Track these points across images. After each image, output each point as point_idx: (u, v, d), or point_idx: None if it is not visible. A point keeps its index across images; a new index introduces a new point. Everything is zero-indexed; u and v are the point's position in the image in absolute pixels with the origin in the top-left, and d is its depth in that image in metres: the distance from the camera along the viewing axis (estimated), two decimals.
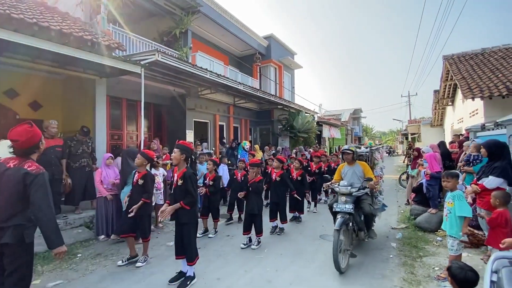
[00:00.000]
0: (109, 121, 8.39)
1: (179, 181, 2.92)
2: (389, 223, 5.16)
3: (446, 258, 3.38)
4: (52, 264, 3.42)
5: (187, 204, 2.87)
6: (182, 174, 2.92)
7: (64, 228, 4.47)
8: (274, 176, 4.77)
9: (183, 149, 3.02)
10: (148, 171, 3.61)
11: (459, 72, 9.36)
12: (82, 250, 3.88)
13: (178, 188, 2.94)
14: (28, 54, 4.76)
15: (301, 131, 12.81)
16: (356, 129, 33.63)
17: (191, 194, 2.88)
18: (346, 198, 3.50)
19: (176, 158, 2.98)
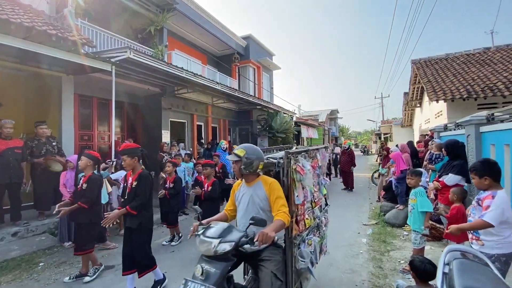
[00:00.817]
0: (78, 121, 7.96)
1: (134, 183, 2.69)
2: (361, 220, 5.38)
3: (411, 252, 3.57)
4: (11, 275, 3.18)
5: (133, 208, 2.61)
6: (138, 175, 2.71)
7: (25, 235, 4.18)
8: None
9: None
10: (94, 174, 3.23)
11: (426, 75, 9.97)
12: (45, 259, 3.65)
13: (134, 191, 2.71)
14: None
15: (280, 131, 12.98)
16: (333, 129, 34.69)
17: (139, 196, 2.65)
18: (205, 268, 1.68)
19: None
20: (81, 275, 3.16)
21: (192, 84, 8.49)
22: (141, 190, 2.66)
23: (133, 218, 2.65)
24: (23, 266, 3.37)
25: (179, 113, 9.91)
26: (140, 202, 2.64)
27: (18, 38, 3.97)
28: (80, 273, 3.17)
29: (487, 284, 1.29)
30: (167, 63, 6.70)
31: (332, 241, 4.18)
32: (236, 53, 13.51)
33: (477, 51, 11.17)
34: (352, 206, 6.56)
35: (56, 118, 5.86)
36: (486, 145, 4.07)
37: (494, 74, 8.41)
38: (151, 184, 2.78)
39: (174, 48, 10.56)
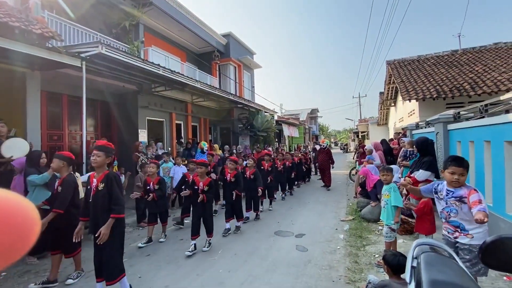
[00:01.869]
0: (46, 120, 7.49)
1: (100, 185, 2.53)
2: (339, 216, 5.50)
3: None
4: None
5: (119, 212, 2.52)
6: (104, 176, 2.55)
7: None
8: (228, 177, 4.72)
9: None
10: (70, 175, 3.06)
11: (399, 76, 10.40)
12: (7, 268, 3.37)
13: (101, 194, 2.53)
14: None
15: (261, 130, 13.00)
16: (314, 128, 35.36)
17: (117, 198, 2.52)
18: None
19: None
20: (48, 282, 2.97)
21: (170, 81, 8.26)
22: (114, 191, 2.54)
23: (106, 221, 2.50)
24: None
25: (157, 112, 9.61)
26: (122, 203, 2.55)
27: None
28: (48, 280, 2.98)
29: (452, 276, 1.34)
30: (142, 60, 6.45)
31: (311, 237, 4.27)
32: (216, 51, 13.34)
33: (446, 53, 11.84)
34: (331, 203, 6.71)
35: (20, 117, 5.45)
36: (453, 142, 4.31)
37: (461, 75, 8.95)
38: (121, 184, 2.70)
39: (151, 45, 10.22)
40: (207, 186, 3.96)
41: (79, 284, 3.00)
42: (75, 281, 3.04)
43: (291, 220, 5.29)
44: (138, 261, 3.60)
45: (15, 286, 2.98)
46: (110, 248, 2.53)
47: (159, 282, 3.02)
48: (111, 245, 2.53)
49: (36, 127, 5.62)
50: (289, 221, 5.24)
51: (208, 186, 3.98)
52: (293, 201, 7.00)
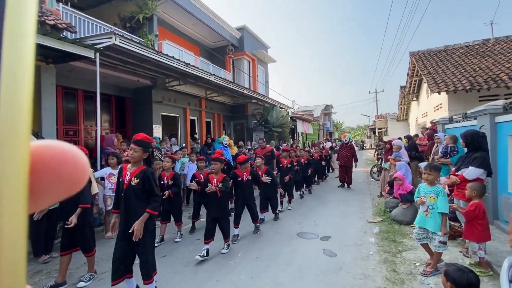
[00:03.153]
0: (63, 115, 7.46)
1: (134, 180, 2.38)
2: (365, 217, 5.09)
3: (425, 253, 3.30)
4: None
5: (154, 209, 2.42)
6: (140, 172, 2.41)
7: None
8: (245, 176, 4.23)
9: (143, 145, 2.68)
10: None
11: (425, 67, 9.72)
12: None
13: (133, 188, 2.40)
14: None
15: (276, 125, 12.61)
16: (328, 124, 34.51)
17: (155, 195, 2.43)
18: None
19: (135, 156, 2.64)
20: (56, 285, 2.78)
21: (184, 75, 8.03)
22: (153, 188, 2.43)
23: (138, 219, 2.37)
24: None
25: (171, 107, 9.44)
26: (158, 200, 2.45)
27: None
28: (56, 283, 2.79)
29: None
30: (156, 51, 6.22)
31: (338, 240, 3.90)
32: (230, 45, 13.03)
33: (477, 42, 10.99)
34: (354, 202, 6.28)
35: (36, 111, 5.35)
36: (503, 136, 3.80)
37: (496, 65, 8.21)
38: (156, 180, 2.55)
39: (165, 38, 10.02)
40: (221, 183, 3.58)
41: (91, 286, 2.79)
42: (87, 284, 2.84)
43: (313, 220, 4.93)
44: None
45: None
46: (144, 246, 2.40)
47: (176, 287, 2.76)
48: (145, 243, 2.41)
49: (52, 121, 5.51)
50: (311, 221, 4.88)
51: (222, 182, 3.59)
52: (313, 200, 6.63)
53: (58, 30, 5.07)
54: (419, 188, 3.14)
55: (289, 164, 5.94)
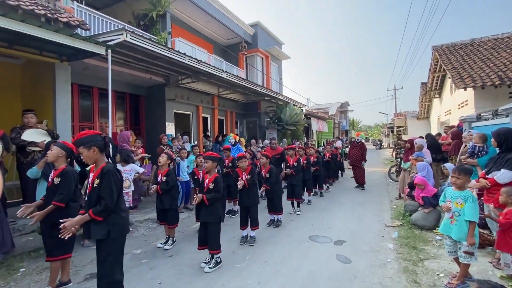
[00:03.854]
0: (78, 112, 7.61)
1: (96, 181, 2.08)
2: (383, 220, 4.80)
3: (450, 262, 3.01)
4: None
5: (97, 213, 2.00)
6: (100, 171, 2.08)
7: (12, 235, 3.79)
8: (244, 176, 3.91)
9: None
10: (67, 167, 2.73)
11: (450, 62, 9.12)
12: (27, 263, 3.24)
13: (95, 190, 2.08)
14: None
15: (289, 123, 12.36)
16: (343, 122, 33.67)
17: (103, 199, 2.02)
18: None
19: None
20: (61, 284, 2.74)
21: (196, 72, 7.97)
22: (106, 191, 2.03)
23: (99, 226, 2.04)
24: (2, 272, 2.98)
25: (184, 104, 9.44)
26: (106, 206, 2.01)
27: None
28: (60, 283, 2.75)
29: None
30: (168, 48, 6.16)
31: (353, 245, 3.66)
32: (244, 42, 12.88)
33: (506, 35, 10.18)
34: (370, 204, 5.97)
35: (51, 108, 5.45)
36: None
37: None
38: (118, 181, 2.13)
39: (178, 36, 10.02)
40: (212, 183, 3.21)
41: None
42: None
43: (327, 223, 4.69)
44: (159, 263, 3.29)
45: (31, 284, 2.79)
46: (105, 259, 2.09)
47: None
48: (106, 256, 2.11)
49: (66, 118, 5.58)
50: (324, 224, 4.65)
51: (214, 183, 3.21)
52: (327, 201, 6.36)
53: (70, 27, 5.11)
54: (445, 192, 2.85)
55: (295, 163, 5.67)
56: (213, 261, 3.14)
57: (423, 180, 4.44)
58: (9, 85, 6.17)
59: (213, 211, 3.16)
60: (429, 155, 5.33)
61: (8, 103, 6.06)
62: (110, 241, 2.06)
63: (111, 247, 2.07)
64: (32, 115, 4.23)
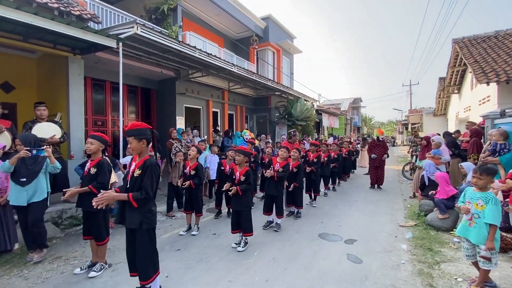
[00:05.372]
0: (91, 105, 7.73)
1: (137, 171, 2.22)
2: (396, 219, 4.63)
3: (469, 266, 2.85)
4: (1, 270, 2.86)
5: (136, 199, 2.13)
6: (143, 163, 2.22)
7: None
8: (277, 166, 4.18)
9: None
10: (103, 158, 2.90)
11: (471, 55, 8.67)
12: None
13: (134, 179, 2.22)
14: None
15: (300, 119, 12.17)
16: (356, 118, 32.98)
17: (144, 189, 2.15)
18: None
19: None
20: (93, 265, 2.89)
21: (207, 66, 7.92)
22: (148, 182, 2.16)
23: (133, 215, 2.17)
24: (15, 260, 3.06)
25: (194, 99, 9.44)
26: (146, 196, 2.14)
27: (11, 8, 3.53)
28: (92, 263, 2.91)
29: None
30: (178, 41, 6.12)
31: (365, 245, 3.55)
32: (255, 35, 12.70)
33: None
34: (383, 203, 5.79)
35: (64, 101, 5.53)
36: None
37: None
38: (158, 175, 2.27)
39: (189, 30, 9.98)
40: (243, 176, 3.51)
41: (104, 278, 2.75)
42: (99, 274, 2.79)
43: (337, 221, 4.58)
44: (167, 256, 3.29)
45: (43, 273, 2.84)
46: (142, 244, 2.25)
47: (186, 286, 2.63)
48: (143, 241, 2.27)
49: (79, 111, 5.65)
50: (335, 222, 4.54)
51: (245, 176, 3.52)
52: (337, 199, 6.23)
53: (83, 21, 5.15)
54: (465, 193, 2.68)
55: (316, 159, 5.60)
56: (243, 242, 3.50)
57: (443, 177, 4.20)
58: (25, 78, 6.31)
59: (245, 200, 3.47)
60: (447, 153, 5.10)
61: (25, 96, 6.21)
62: (143, 231, 2.19)
63: (144, 237, 2.20)
64: (44, 108, 4.29)
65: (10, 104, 6.02)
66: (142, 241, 2.21)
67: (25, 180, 2.99)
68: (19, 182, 2.99)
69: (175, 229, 4.24)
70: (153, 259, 2.28)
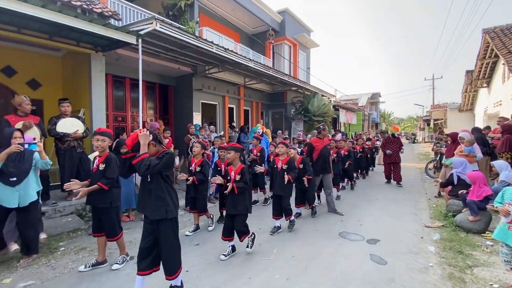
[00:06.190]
0: (112, 102, 7.93)
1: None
2: (421, 219, 4.42)
3: (506, 271, 2.66)
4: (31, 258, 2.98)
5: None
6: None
7: (52, 215, 4.07)
8: (280, 164, 3.95)
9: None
10: (110, 153, 2.88)
11: (504, 46, 8.09)
12: (66, 243, 3.44)
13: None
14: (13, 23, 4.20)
15: (317, 114, 11.92)
16: (374, 114, 31.98)
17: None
18: None
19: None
20: (98, 263, 2.88)
21: (223, 62, 7.89)
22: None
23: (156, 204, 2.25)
24: (44, 250, 3.19)
25: (210, 95, 9.47)
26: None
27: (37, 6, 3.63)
28: (97, 262, 2.89)
29: None
30: (196, 37, 6.12)
31: (388, 245, 3.40)
32: (271, 30, 12.52)
33: None
34: (405, 201, 5.56)
35: (87, 98, 5.69)
36: None
37: None
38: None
39: (205, 25, 9.98)
40: (239, 175, 3.15)
41: (127, 270, 2.81)
42: (121, 266, 2.86)
43: (358, 219, 4.43)
44: (186, 250, 3.29)
45: (69, 263, 2.94)
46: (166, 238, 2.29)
47: (206, 281, 2.63)
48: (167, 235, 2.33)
49: (101, 107, 5.79)
50: (355, 220, 4.40)
51: (241, 174, 3.16)
52: (356, 197, 6.03)
53: (104, 18, 5.24)
54: (504, 193, 2.48)
55: (335, 154, 5.44)
56: (249, 241, 3.21)
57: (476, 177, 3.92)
58: (51, 76, 6.55)
59: (241, 202, 3.11)
60: (479, 150, 4.79)
61: (50, 93, 6.45)
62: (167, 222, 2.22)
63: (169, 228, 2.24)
64: (68, 104, 4.42)
65: (37, 101, 6.27)
66: (167, 233, 2.21)
67: (15, 180, 2.73)
68: (8, 183, 2.71)
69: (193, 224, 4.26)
70: (178, 252, 2.30)
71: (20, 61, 6.03)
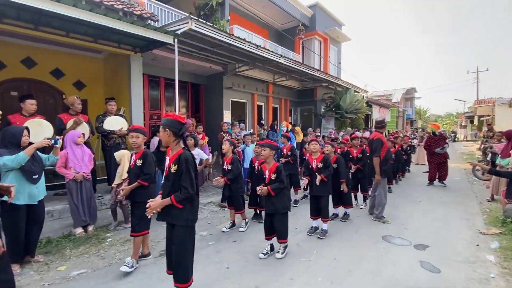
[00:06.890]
0: (148, 101, 8.29)
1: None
2: (474, 225, 4.02)
3: None
4: (81, 248, 3.19)
5: (179, 201, 1.99)
6: (177, 157, 2.04)
7: (99, 208, 4.33)
8: (314, 164, 3.71)
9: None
10: (146, 149, 2.87)
11: None
12: (112, 234, 3.63)
13: (171, 175, 2.05)
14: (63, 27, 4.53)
15: (349, 111, 11.46)
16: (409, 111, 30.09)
17: (185, 187, 1.98)
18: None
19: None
20: (143, 256, 2.98)
21: (253, 59, 7.86)
22: (187, 178, 1.98)
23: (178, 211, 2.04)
24: (93, 241, 3.39)
25: (240, 93, 9.52)
26: (188, 195, 2.00)
27: (85, 11, 3.86)
28: (142, 254, 2.98)
29: None
30: (229, 34, 6.14)
31: (440, 252, 3.13)
32: (301, 25, 12.24)
33: None
34: (453, 205, 5.11)
35: (127, 97, 5.99)
36: None
37: None
38: (194, 167, 2.09)
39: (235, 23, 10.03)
40: (274, 173, 3.02)
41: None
42: (130, 270, 2.66)
43: (401, 223, 4.15)
44: (224, 247, 3.32)
45: (116, 254, 3.09)
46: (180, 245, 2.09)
47: (247, 279, 2.60)
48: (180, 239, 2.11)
49: (139, 105, 6.07)
50: (398, 223, 4.12)
51: (276, 173, 3.02)
52: (397, 198, 5.66)
53: (143, 19, 5.46)
54: None
55: (360, 154, 5.12)
56: (281, 248, 3.08)
57: None
58: (94, 77, 7.00)
59: (280, 201, 3.01)
60: None
61: (93, 93, 6.90)
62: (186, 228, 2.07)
63: (185, 233, 2.08)
64: (114, 103, 4.68)
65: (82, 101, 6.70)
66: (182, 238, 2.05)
67: (37, 177, 2.74)
68: (31, 180, 2.68)
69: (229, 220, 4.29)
70: (191, 259, 2.11)
71: (67, 63, 6.50)
